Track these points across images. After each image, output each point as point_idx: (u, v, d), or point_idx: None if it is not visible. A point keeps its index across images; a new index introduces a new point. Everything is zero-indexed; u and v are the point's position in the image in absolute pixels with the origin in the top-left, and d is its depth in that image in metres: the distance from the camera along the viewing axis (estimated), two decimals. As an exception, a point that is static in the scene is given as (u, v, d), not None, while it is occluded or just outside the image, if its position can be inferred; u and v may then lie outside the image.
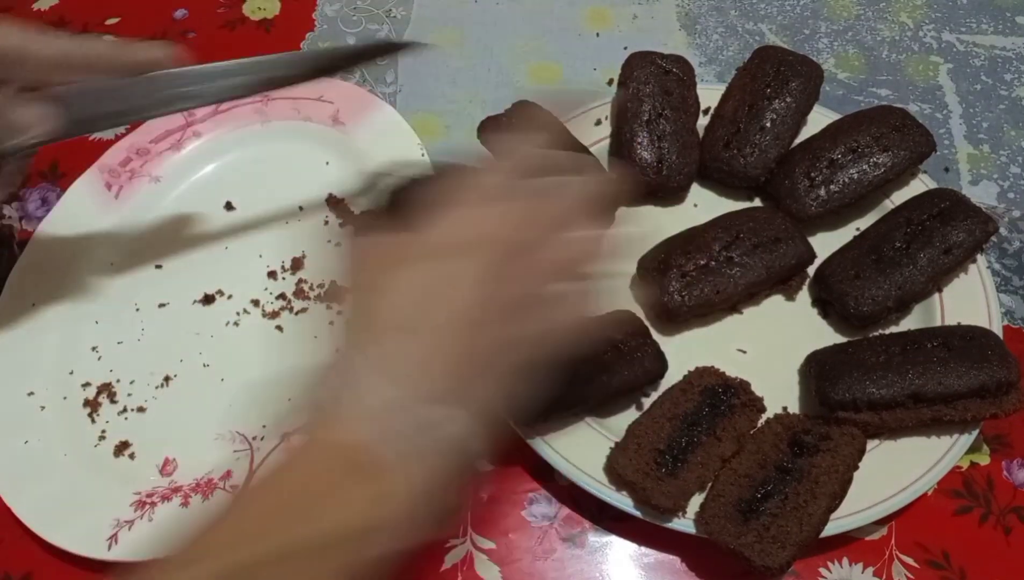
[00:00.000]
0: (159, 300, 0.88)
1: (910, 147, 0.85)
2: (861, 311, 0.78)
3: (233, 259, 0.90)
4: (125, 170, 0.95)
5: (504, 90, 1.03)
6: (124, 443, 0.79)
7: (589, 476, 0.72)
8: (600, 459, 0.73)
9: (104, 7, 1.13)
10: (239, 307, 0.87)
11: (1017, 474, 0.78)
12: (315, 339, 0.84)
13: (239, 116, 0.98)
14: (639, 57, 0.92)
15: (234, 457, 0.77)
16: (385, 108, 0.96)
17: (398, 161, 0.74)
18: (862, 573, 0.73)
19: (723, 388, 0.75)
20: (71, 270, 0.89)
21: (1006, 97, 1.02)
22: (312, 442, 0.49)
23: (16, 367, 0.83)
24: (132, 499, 0.75)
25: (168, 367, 0.84)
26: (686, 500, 0.69)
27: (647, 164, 0.87)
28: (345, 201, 0.92)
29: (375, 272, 0.53)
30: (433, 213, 0.52)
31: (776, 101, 0.88)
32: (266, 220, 0.92)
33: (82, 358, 0.84)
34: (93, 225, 0.92)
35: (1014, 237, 0.91)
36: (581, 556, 0.74)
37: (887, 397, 0.72)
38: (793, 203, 0.85)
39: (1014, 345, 0.77)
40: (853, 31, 1.09)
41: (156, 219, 0.93)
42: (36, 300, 0.86)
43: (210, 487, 0.75)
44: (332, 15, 1.11)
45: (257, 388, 0.80)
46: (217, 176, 0.96)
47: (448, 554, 0.75)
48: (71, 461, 0.78)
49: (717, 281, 0.79)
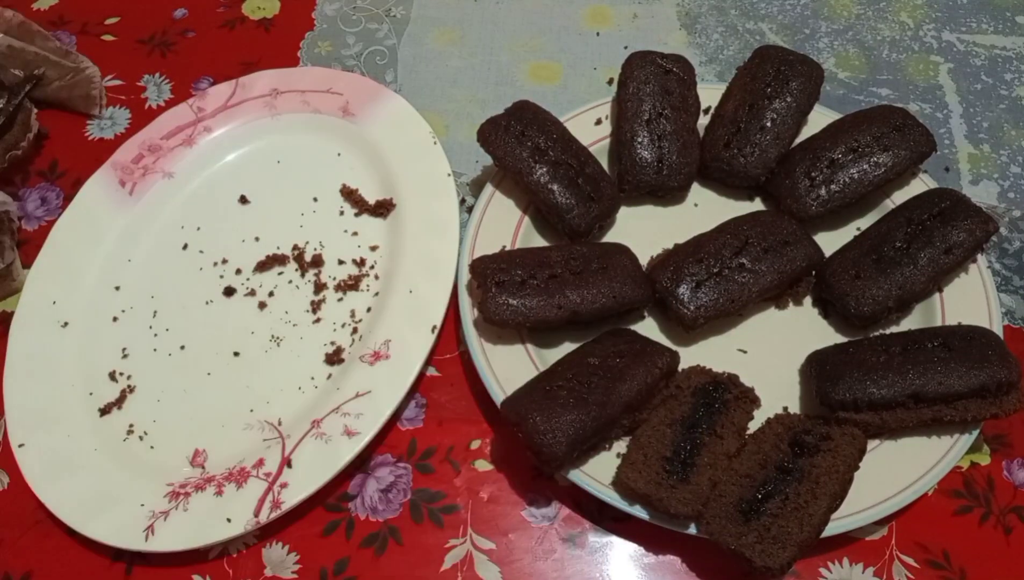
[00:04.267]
0: (179, 294, 0.88)
1: (910, 147, 0.85)
2: (862, 311, 0.78)
3: (249, 252, 0.90)
4: (138, 167, 0.95)
5: (504, 89, 1.03)
6: (152, 435, 0.80)
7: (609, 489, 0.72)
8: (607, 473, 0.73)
9: (104, 7, 1.12)
10: (259, 299, 0.87)
11: (1017, 474, 0.78)
12: (335, 327, 0.84)
13: (249, 110, 0.99)
14: (639, 56, 0.92)
15: (264, 445, 0.78)
16: (395, 98, 0.96)
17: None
18: (862, 573, 0.73)
19: (713, 385, 0.75)
20: (90, 267, 0.89)
21: (1006, 97, 1.02)
22: None
23: (40, 365, 0.83)
24: (165, 490, 0.76)
25: (191, 359, 0.84)
26: (702, 503, 0.69)
27: (647, 164, 0.87)
28: (358, 191, 0.93)
29: None
30: None
31: (776, 101, 0.88)
32: (281, 212, 0.93)
33: (104, 354, 0.85)
34: (109, 222, 0.92)
35: (1014, 237, 0.91)
36: (581, 556, 0.74)
37: (888, 397, 0.72)
38: (794, 203, 0.85)
39: (1014, 345, 0.77)
40: (853, 31, 1.08)
41: (172, 214, 0.94)
42: (57, 298, 0.87)
43: (243, 475, 0.76)
44: (332, 14, 1.11)
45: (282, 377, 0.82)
46: (230, 170, 0.97)
47: (448, 554, 0.75)
48: (101, 455, 0.79)
49: (731, 290, 0.78)
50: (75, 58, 1.02)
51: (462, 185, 0.95)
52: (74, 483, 0.77)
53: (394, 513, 0.77)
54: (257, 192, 0.94)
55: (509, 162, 0.85)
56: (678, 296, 0.78)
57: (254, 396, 0.82)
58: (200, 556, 0.75)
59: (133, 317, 0.87)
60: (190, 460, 0.78)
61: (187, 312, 0.87)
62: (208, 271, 0.89)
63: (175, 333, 0.86)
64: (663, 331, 0.82)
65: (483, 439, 0.80)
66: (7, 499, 0.79)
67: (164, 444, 0.80)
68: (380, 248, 0.89)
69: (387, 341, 0.80)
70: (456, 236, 0.85)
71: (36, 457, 0.78)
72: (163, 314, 0.87)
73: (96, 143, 1.01)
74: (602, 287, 0.77)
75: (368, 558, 0.75)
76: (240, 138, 0.98)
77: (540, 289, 0.77)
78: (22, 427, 0.80)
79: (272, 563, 0.75)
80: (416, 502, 0.77)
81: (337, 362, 0.82)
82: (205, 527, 0.73)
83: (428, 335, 0.80)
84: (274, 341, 0.85)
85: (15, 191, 0.97)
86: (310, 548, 0.75)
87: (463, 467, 0.79)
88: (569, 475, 0.72)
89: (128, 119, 1.03)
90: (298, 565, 0.75)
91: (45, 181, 0.99)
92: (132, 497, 0.76)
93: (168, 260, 0.91)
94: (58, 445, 0.79)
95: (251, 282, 0.89)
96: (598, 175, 0.86)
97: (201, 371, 0.84)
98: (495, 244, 0.85)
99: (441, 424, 0.81)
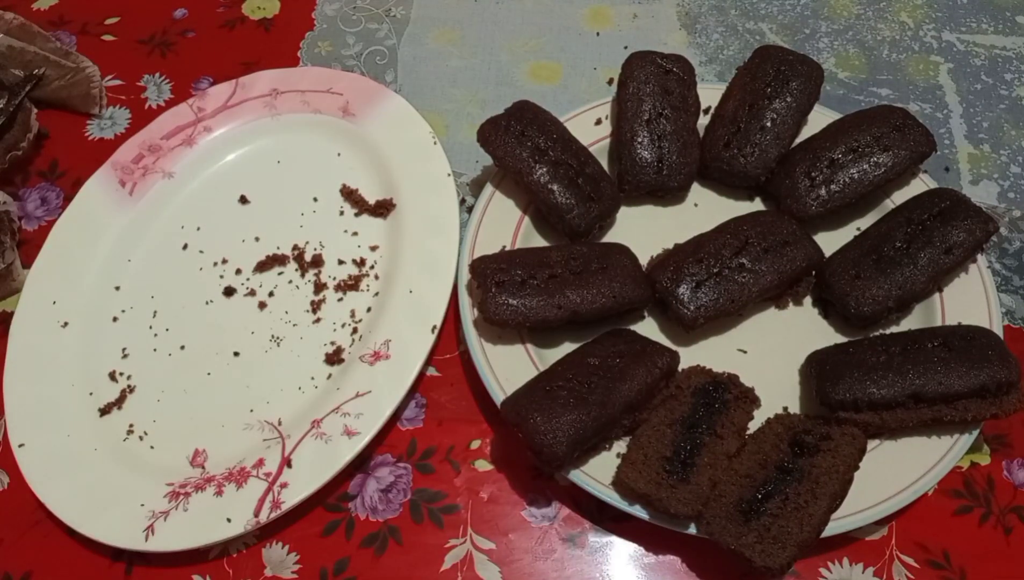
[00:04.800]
0: (179, 294, 0.88)
1: (910, 147, 0.85)
2: (862, 311, 0.78)
3: (249, 252, 0.90)
4: (138, 167, 0.95)
5: (504, 89, 1.03)
6: (152, 435, 0.80)
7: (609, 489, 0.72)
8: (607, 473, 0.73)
9: (104, 7, 1.12)
10: (259, 299, 0.87)
11: (1017, 474, 0.78)
12: (335, 327, 0.84)
13: (249, 110, 0.99)
14: (639, 56, 0.92)
15: (264, 445, 0.78)
16: (395, 98, 0.96)
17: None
18: (862, 573, 0.73)
19: (713, 385, 0.75)
20: (90, 267, 0.89)
21: (1006, 97, 1.02)
22: None
23: (40, 365, 0.83)
24: (165, 490, 0.76)
25: (191, 359, 0.84)
26: (702, 503, 0.69)
27: (647, 163, 0.87)
28: (358, 191, 0.93)
29: None
30: None
31: (776, 101, 0.88)
32: (281, 212, 0.93)
33: (104, 354, 0.85)
34: (109, 222, 0.92)
35: (1014, 237, 0.91)
36: (581, 556, 0.74)
37: (888, 397, 0.72)
38: (794, 203, 0.85)
39: (1014, 345, 0.77)
40: (853, 31, 1.08)
41: (172, 214, 0.94)
42: (57, 298, 0.87)
43: (243, 476, 0.76)
44: (332, 14, 1.11)
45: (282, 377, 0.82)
46: (230, 170, 0.97)
47: (448, 554, 0.75)
48: (101, 455, 0.79)
49: (731, 290, 0.78)
50: (75, 58, 1.02)
51: (462, 185, 0.95)
52: (74, 483, 0.77)
53: (394, 513, 0.77)
54: (257, 192, 0.94)
55: (509, 162, 0.85)
56: (678, 296, 0.78)
57: (254, 396, 0.82)
58: (200, 556, 0.75)
59: (133, 317, 0.87)
60: (190, 460, 0.78)
61: (187, 312, 0.87)
62: (208, 271, 0.89)
63: (175, 333, 0.86)
64: (663, 331, 0.82)
65: (483, 439, 0.80)
66: (7, 499, 0.79)
67: (164, 444, 0.80)
68: (380, 248, 0.89)
69: (387, 341, 0.80)
70: (456, 236, 0.85)
71: (36, 457, 0.78)
72: (163, 314, 0.87)
73: (96, 143, 1.01)
74: (602, 287, 0.77)
75: (368, 558, 0.75)
76: (240, 138, 0.98)
77: (540, 289, 0.77)
78: (22, 427, 0.80)
79: (272, 563, 0.75)
80: (416, 502, 0.77)
81: (337, 362, 0.82)
82: (205, 527, 0.73)
83: (428, 335, 0.80)
84: (274, 341, 0.85)
85: (15, 191, 0.97)
86: (310, 548, 0.75)
87: (463, 467, 0.79)
88: (569, 475, 0.72)
89: (128, 119, 1.03)
90: (298, 565, 0.75)
91: (45, 181, 0.99)
92: (132, 497, 0.76)
93: (168, 260, 0.91)
94: (58, 445, 0.79)
95: (251, 282, 0.88)
96: (598, 175, 0.86)
97: (201, 371, 0.84)
98: (495, 244, 0.85)
99: (441, 424, 0.81)
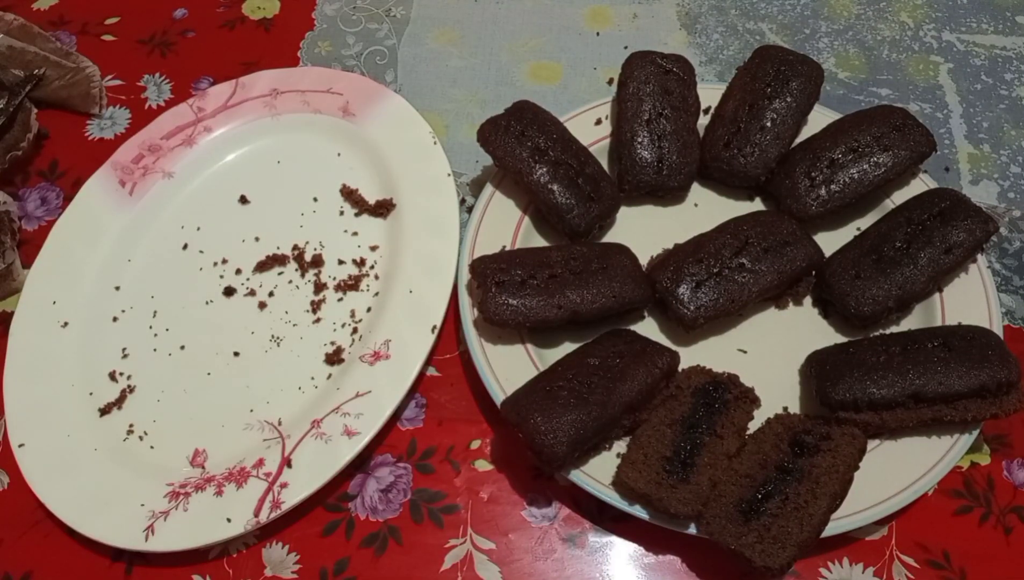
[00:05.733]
0: (179, 294, 0.88)
1: (910, 147, 0.85)
2: (862, 311, 0.78)
3: (249, 252, 0.90)
4: (138, 167, 0.95)
5: (504, 89, 1.03)
6: (152, 435, 0.80)
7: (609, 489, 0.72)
8: (607, 473, 0.73)
9: (104, 7, 1.12)
10: (259, 299, 0.87)
11: (1017, 474, 0.78)
12: (335, 327, 0.84)
13: (249, 110, 0.99)
14: (639, 56, 0.92)
15: (264, 445, 0.78)
16: (395, 98, 0.96)
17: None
18: (862, 573, 0.73)
19: (713, 386, 0.75)
20: (90, 267, 0.89)
21: (1006, 97, 1.02)
22: None
23: (40, 365, 0.83)
24: (165, 490, 0.76)
25: (191, 359, 0.84)
26: (702, 503, 0.69)
27: (647, 164, 0.87)
28: (358, 191, 0.93)
29: None
30: None
31: (776, 101, 0.88)
32: (281, 212, 0.93)
33: (104, 354, 0.85)
34: (109, 222, 0.92)
35: (1014, 237, 0.91)
36: (581, 556, 0.74)
37: (888, 397, 0.72)
38: (794, 203, 0.85)
39: (1014, 345, 0.77)
40: (853, 31, 1.08)
41: (172, 214, 0.94)
42: (57, 298, 0.87)
43: (243, 475, 0.76)
44: (332, 14, 1.11)
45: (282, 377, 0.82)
46: (230, 170, 0.97)
47: (448, 554, 0.75)
48: (101, 455, 0.79)
49: (731, 290, 0.78)
50: (75, 58, 1.02)
51: (462, 185, 0.95)
52: (74, 483, 0.77)
53: (394, 513, 0.77)
54: (257, 192, 0.94)
55: (509, 162, 0.85)
56: (678, 296, 0.78)
57: (254, 396, 0.82)
58: (200, 556, 0.75)
59: (133, 317, 0.87)
60: (190, 460, 0.78)
61: (187, 312, 0.87)
62: (208, 271, 0.89)
63: (175, 333, 0.86)
64: (663, 331, 0.83)
65: (483, 439, 0.80)
66: (7, 499, 0.79)
67: (164, 444, 0.80)
68: (380, 248, 0.89)
69: (387, 341, 0.80)
70: (456, 236, 0.85)
71: (36, 457, 0.78)
72: (163, 314, 0.87)
73: (96, 143, 1.01)
74: (602, 287, 0.77)
75: (368, 558, 0.75)
76: (240, 138, 0.98)
77: (540, 289, 0.77)
78: (22, 427, 0.80)
79: (272, 563, 0.75)
80: (416, 502, 0.77)
81: (337, 362, 0.82)
82: (205, 527, 0.73)
83: (428, 335, 0.80)
84: (274, 341, 0.85)
85: (15, 191, 0.97)
86: (310, 548, 0.75)
87: (463, 467, 0.79)
88: (569, 475, 0.72)
89: (128, 119, 1.03)
90: (298, 565, 0.75)
91: (45, 181, 0.99)
92: (132, 497, 0.76)
93: (168, 260, 0.91)
94: (58, 445, 0.79)
95: (251, 282, 0.88)
96: (598, 175, 0.86)
97: (201, 371, 0.83)
98: (495, 244, 0.85)
99: (441, 424, 0.81)
